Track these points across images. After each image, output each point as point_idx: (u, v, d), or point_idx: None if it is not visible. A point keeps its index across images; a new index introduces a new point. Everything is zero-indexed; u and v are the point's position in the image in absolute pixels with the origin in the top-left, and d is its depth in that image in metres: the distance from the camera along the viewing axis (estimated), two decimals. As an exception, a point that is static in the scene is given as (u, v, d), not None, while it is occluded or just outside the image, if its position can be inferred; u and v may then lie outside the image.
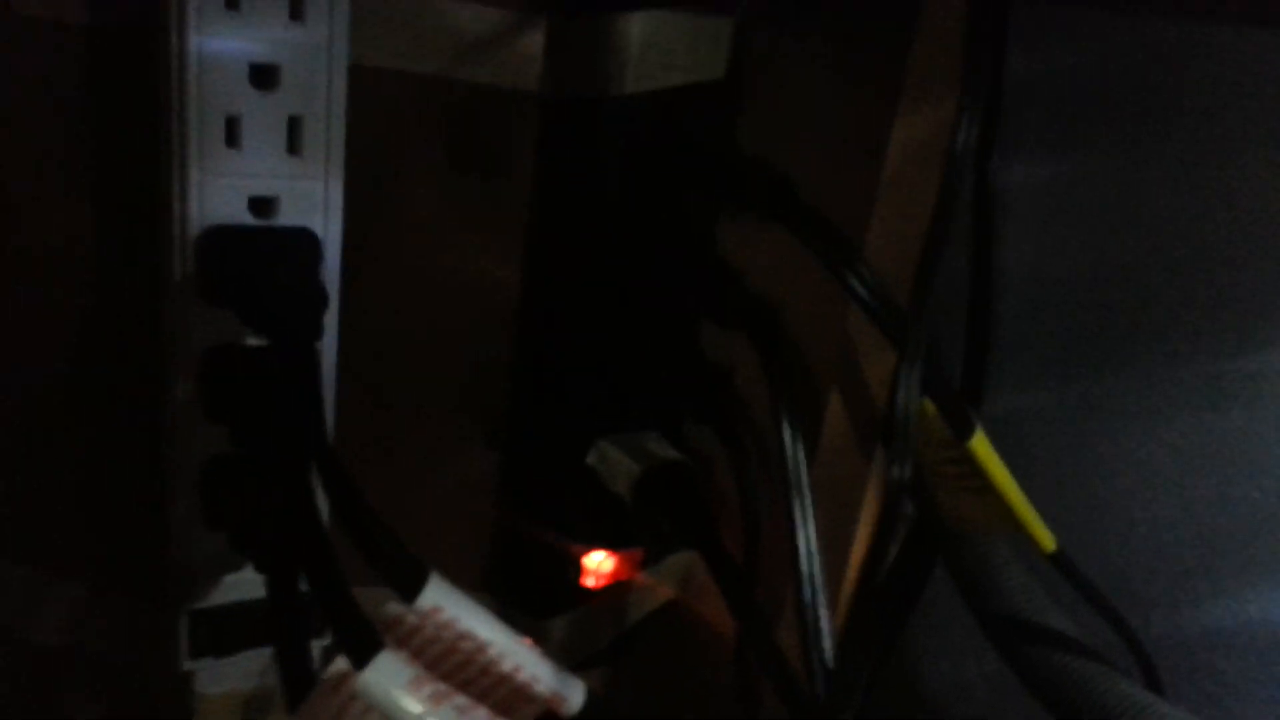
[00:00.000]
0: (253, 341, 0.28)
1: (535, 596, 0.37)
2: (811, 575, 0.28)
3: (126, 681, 0.34)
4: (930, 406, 0.32)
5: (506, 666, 0.22)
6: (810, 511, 0.29)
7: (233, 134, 0.27)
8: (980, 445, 0.29)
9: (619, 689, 0.41)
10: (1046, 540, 0.31)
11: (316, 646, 0.29)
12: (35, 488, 0.31)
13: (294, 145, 0.28)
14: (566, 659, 0.38)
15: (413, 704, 0.20)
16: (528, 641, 0.23)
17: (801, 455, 0.29)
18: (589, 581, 0.36)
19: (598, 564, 0.36)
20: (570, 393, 0.35)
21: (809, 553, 0.29)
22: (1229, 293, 0.34)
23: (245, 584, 0.30)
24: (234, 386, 0.27)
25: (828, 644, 0.29)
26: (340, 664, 0.22)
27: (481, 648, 0.22)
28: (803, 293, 0.32)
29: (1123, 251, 0.37)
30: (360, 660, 0.20)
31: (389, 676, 0.20)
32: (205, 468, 0.29)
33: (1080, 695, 0.32)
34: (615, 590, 0.37)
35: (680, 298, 0.35)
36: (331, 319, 0.30)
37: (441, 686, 0.21)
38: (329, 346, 0.30)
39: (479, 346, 0.36)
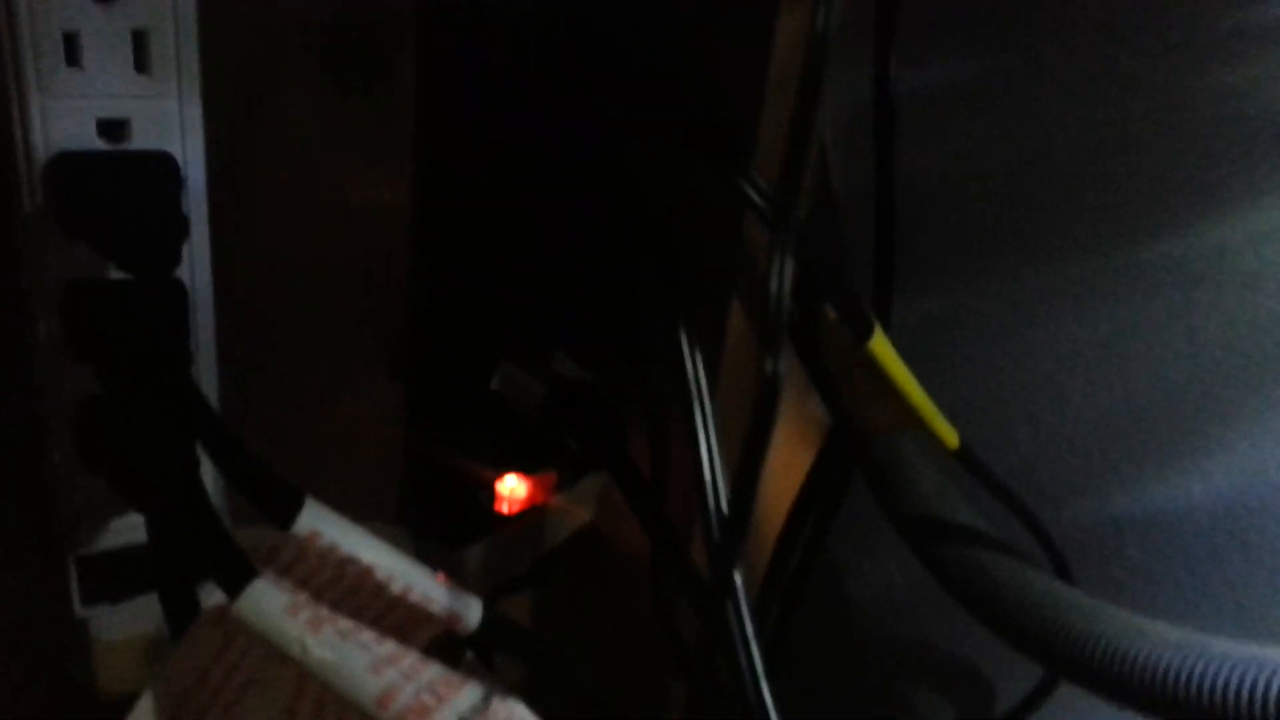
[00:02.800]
0: (114, 274, 0.27)
1: (450, 525, 0.36)
2: (714, 483, 0.28)
3: (16, 640, 0.32)
4: (830, 312, 0.31)
5: (396, 589, 0.22)
6: (711, 419, 0.29)
7: (72, 51, 0.25)
8: (880, 345, 0.29)
9: (539, 614, 0.40)
10: (950, 438, 0.31)
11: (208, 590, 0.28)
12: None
13: (141, 62, 0.26)
14: (484, 586, 0.38)
15: (290, 628, 0.19)
16: (417, 563, 0.22)
17: (700, 362, 0.29)
18: (503, 507, 0.36)
19: (511, 489, 0.36)
20: (470, 316, 0.34)
21: (711, 460, 0.28)
22: (1124, 184, 0.34)
23: (135, 527, 0.29)
24: (95, 322, 0.26)
25: (725, 501, 0.28)
26: (220, 596, 0.21)
27: (367, 571, 0.21)
28: (699, 198, 0.31)
29: (1021, 149, 0.37)
30: (233, 589, 0.19)
31: (264, 603, 0.19)
32: (78, 409, 0.27)
33: (991, 588, 0.32)
34: (530, 515, 0.36)
35: (578, 211, 0.34)
36: (202, 247, 0.28)
37: (323, 611, 0.20)
38: (200, 277, 0.28)
39: (373, 273, 0.35)
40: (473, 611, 0.23)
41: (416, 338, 0.35)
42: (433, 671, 0.20)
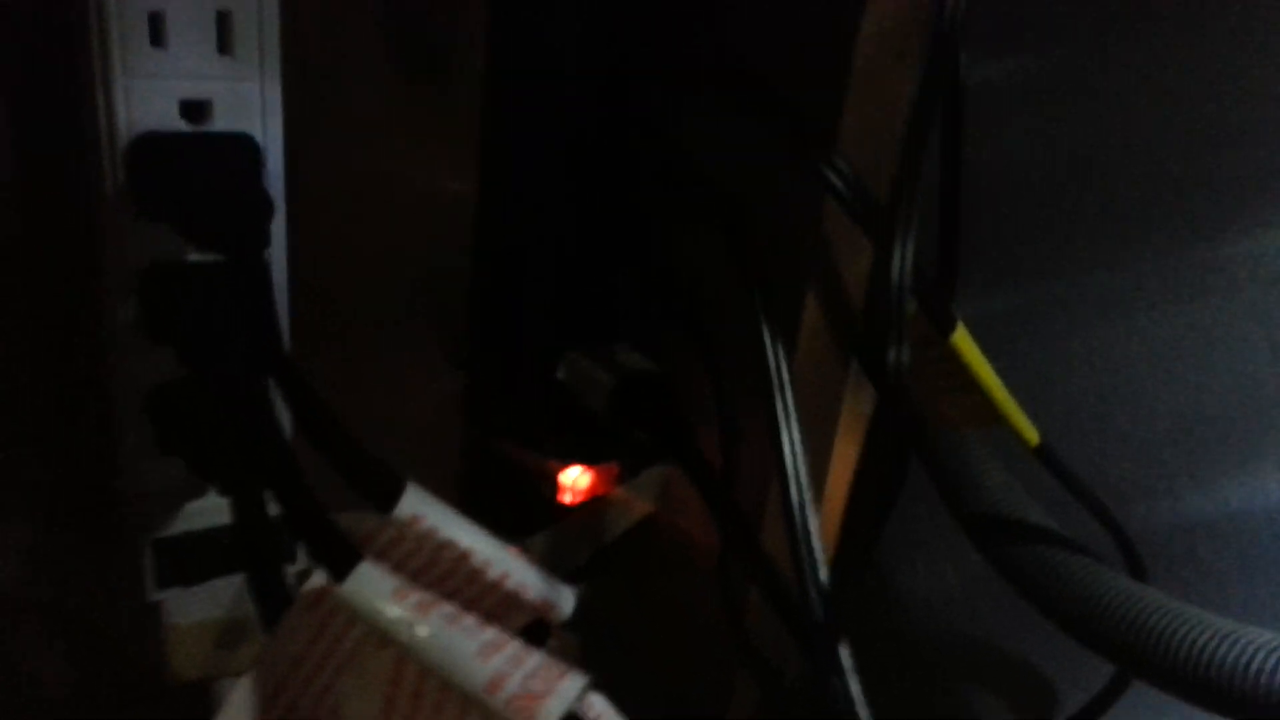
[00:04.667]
0: (195, 257, 0.27)
1: (511, 515, 0.36)
2: (798, 477, 0.27)
3: (86, 626, 0.32)
4: (908, 306, 0.31)
5: (493, 574, 0.21)
6: (794, 412, 0.28)
7: (157, 32, 0.25)
8: (963, 341, 0.29)
9: (598, 606, 0.40)
10: (1030, 434, 0.30)
11: (289, 572, 0.28)
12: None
13: (225, 44, 0.26)
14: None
15: (398, 611, 0.19)
16: (514, 550, 0.22)
17: (781, 353, 0.28)
18: (565, 498, 0.35)
19: (574, 480, 0.35)
20: (534, 305, 0.34)
21: (794, 454, 0.28)
22: (1203, 181, 0.34)
23: (209, 511, 0.29)
24: (178, 305, 0.26)
25: (818, 547, 0.28)
26: (317, 579, 0.21)
27: (465, 556, 0.21)
28: (776, 190, 0.31)
29: (1090, 146, 0.36)
30: (339, 571, 0.19)
31: (371, 586, 0.19)
32: (154, 392, 0.27)
33: (1065, 587, 0.32)
34: (592, 506, 0.36)
35: (647, 201, 0.33)
36: (279, 230, 0.28)
37: (427, 595, 0.20)
38: (277, 259, 0.28)
39: (437, 261, 0.35)
40: (566, 599, 0.23)
41: (480, 327, 0.35)
42: (535, 659, 0.20)
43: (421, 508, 0.20)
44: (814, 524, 0.28)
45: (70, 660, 0.33)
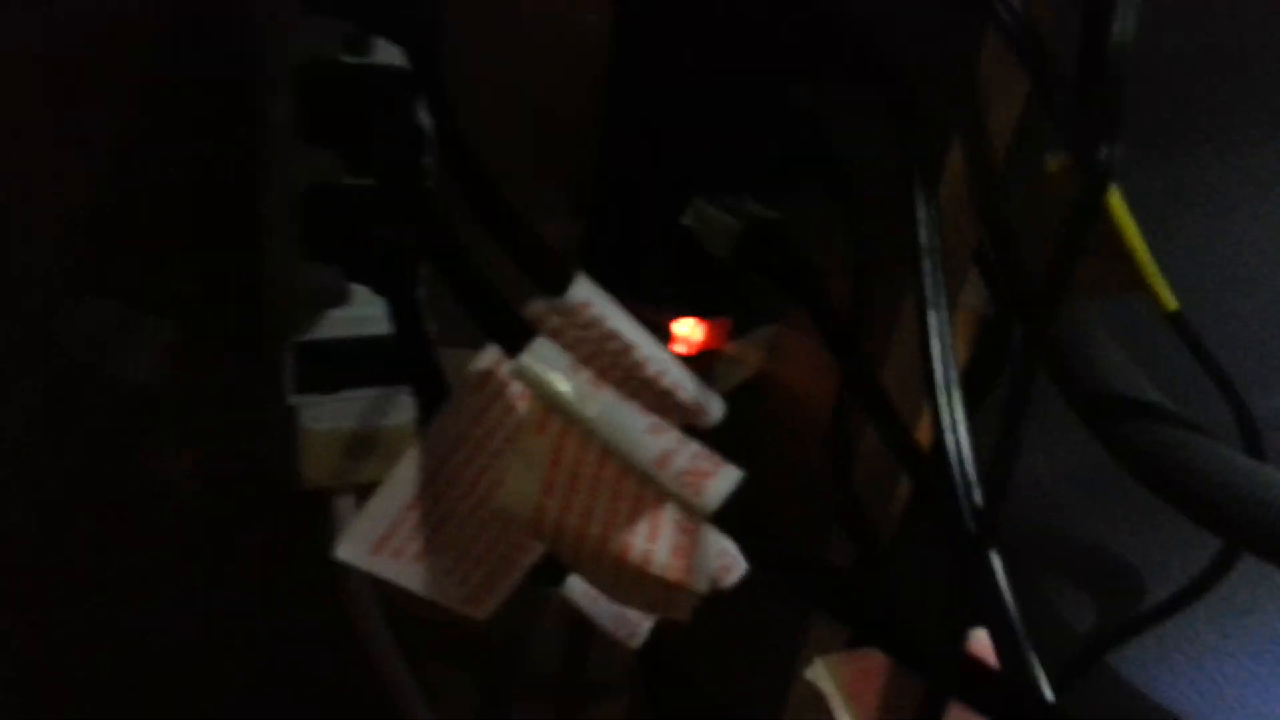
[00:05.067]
0: (350, 59, 0.27)
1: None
2: (944, 356, 0.27)
3: (222, 429, 0.34)
4: (1054, 163, 0.30)
5: (651, 370, 0.22)
6: (941, 285, 0.28)
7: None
8: (1116, 201, 0.28)
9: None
10: (1169, 300, 0.30)
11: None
12: (124, 218, 0.30)
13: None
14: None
15: (572, 385, 0.19)
16: (668, 350, 0.22)
17: (934, 221, 0.28)
18: (679, 349, 0.36)
19: (688, 331, 0.36)
20: (666, 146, 0.34)
21: (941, 330, 0.27)
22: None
23: (350, 320, 0.30)
24: (342, 102, 0.26)
25: (964, 431, 0.28)
26: (482, 360, 0.22)
27: (627, 349, 0.21)
28: (924, 40, 0.30)
29: (1262, 25, 0.35)
30: (514, 344, 0.20)
31: (546, 359, 0.20)
32: (307, 195, 0.28)
33: (1183, 465, 0.32)
34: (704, 359, 0.37)
35: (791, 51, 0.33)
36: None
37: (594, 376, 0.20)
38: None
39: (565, 100, 0.35)
40: (715, 405, 0.23)
41: (608, 169, 0.35)
42: (697, 445, 0.20)
43: (591, 295, 0.21)
44: (960, 407, 0.28)
45: (203, 462, 0.34)
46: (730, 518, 0.19)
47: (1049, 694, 0.24)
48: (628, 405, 0.20)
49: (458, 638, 0.43)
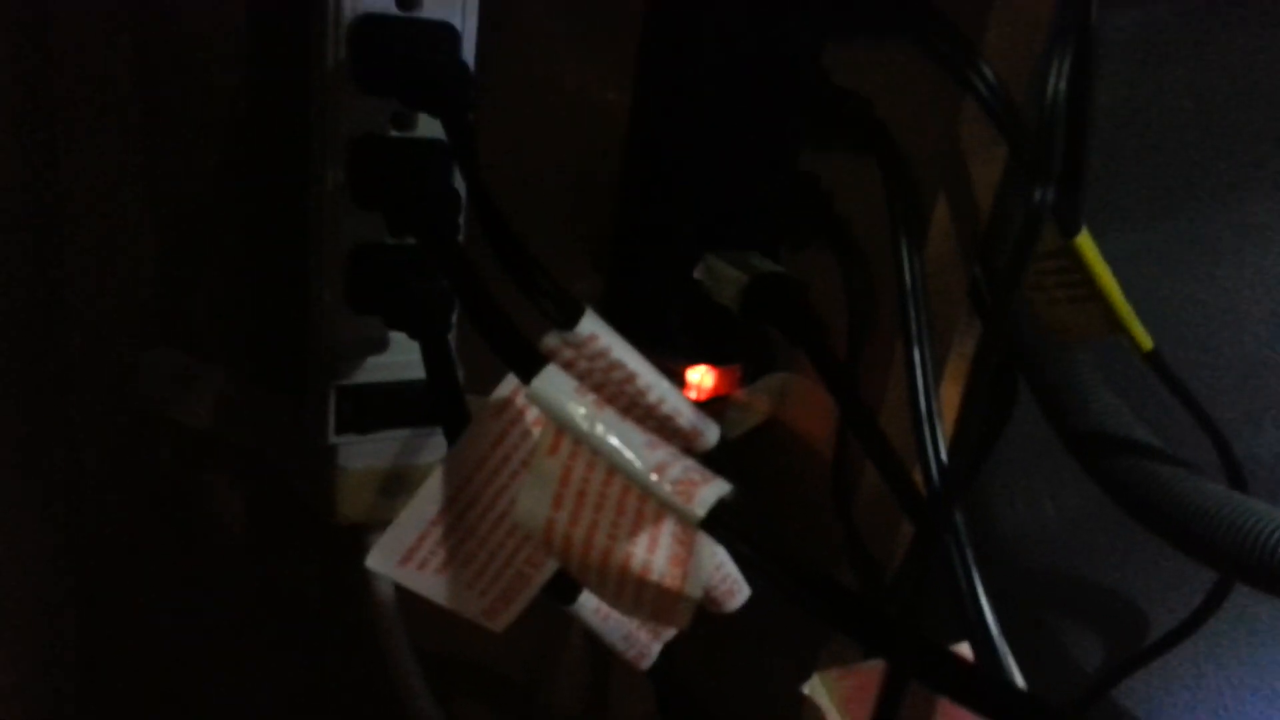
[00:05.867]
0: (395, 134, 0.30)
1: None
2: (927, 388, 0.29)
3: (266, 468, 0.37)
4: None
5: (652, 398, 0.24)
6: (926, 325, 0.30)
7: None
8: (1086, 243, 0.31)
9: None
10: (1144, 340, 0.32)
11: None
12: (186, 273, 0.34)
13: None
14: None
15: (580, 405, 0.22)
16: (667, 381, 0.25)
17: (920, 268, 0.30)
18: (690, 395, 0.38)
19: (699, 378, 0.38)
20: (679, 209, 0.37)
21: (924, 363, 0.30)
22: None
23: (389, 366, 0.33)
24: (388, 170, 0.29)
25: (944, 451, 0.30)
26: (502, 389, 0.24)
27: (631, 378, 0.24)
28: (911, 109, 0.33)
29: (1213, 93, 0.37)
30: (528, 372, 0.22)
31: (556, 384, 0.22)
32: (353, 253, 0.31)
33: (1170, 498, 0.33)
34: (715, 406, 0.39)
35: (793, 116, 0.36)
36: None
37: (600, 399, 0.23)
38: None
39: (588, 169, 0.38)
40: (712, 431, 0.25)
41: (625, 230, 0.37)
42: (690, 460, 0.22)
43: (598, 329, 0.23)
44: (940, 432, 0.30)
45: (250, 499, 0.37)
46: (722, 525, 0.21)
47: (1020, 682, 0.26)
48: (629, 424, 0.22)
49: (482, 675, 0.45)
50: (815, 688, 0.28)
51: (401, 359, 0.33)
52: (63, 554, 0.35)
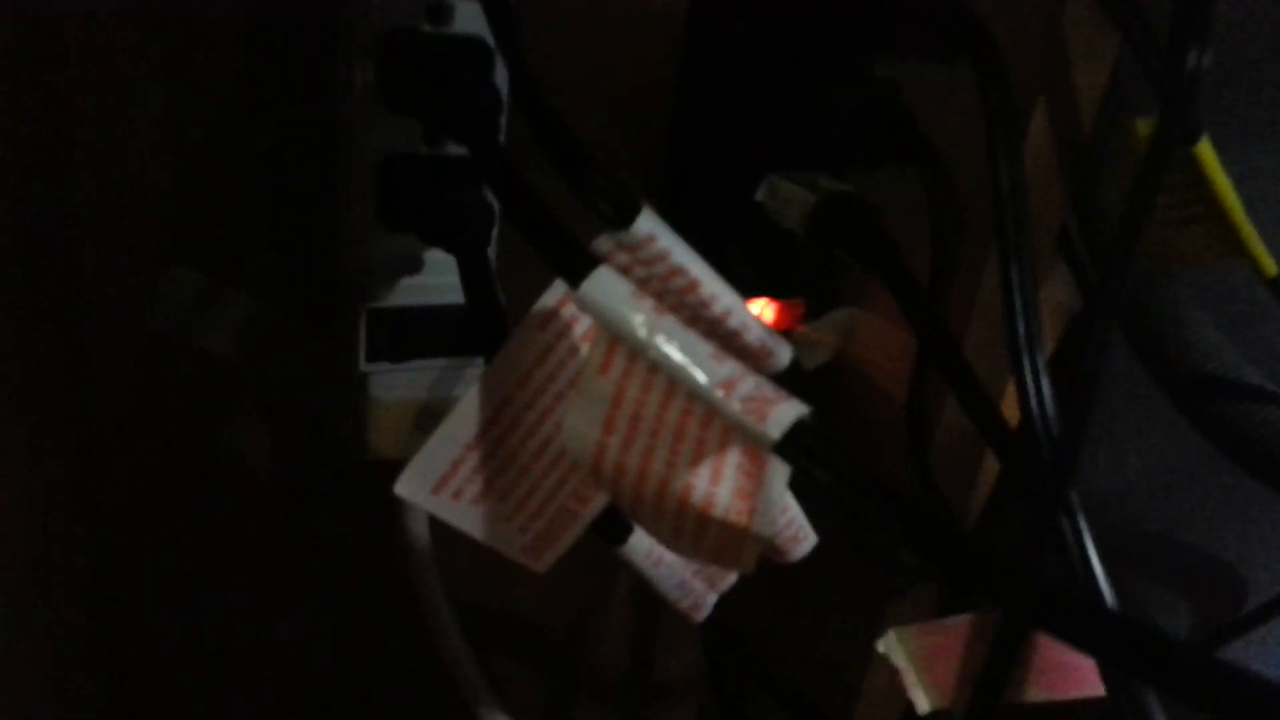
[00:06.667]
0: (428, 28, 0.27)
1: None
2: (1027, 308, 0.26)
3: (295, 400, 0.34)
4: (1143, 127, 0.29)
5: (717, 310, 0.21)
6: (1026, 237, 0.27)
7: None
8: (1205, 152, 0.27)
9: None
10: (1269, 264, 0.28)
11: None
12: (206, 187, 0.31)
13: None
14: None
15: (637, 311, 0.19)
16: (735, 291, 0.22)
17: (1018, 175, 0.27)
18: (750, 330, 0.35)
19: (760, 312, 0.35)
20: (740, 123, 0.33)
21: (1023, 282, 0.26)
22: None
23: (424, 289, 0.30)
24: (423, 67, 0.26)
25: (1045, 384, 0.27)
26: (548, 298, 0.22)
27: (694, 286, 0.21)
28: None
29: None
30: (577, 275, 0.19)
31: (610, 287, 0.19)
32: (384, 163, 0.28)
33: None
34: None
35: (861, 16, 0.32)
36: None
37: (658, 304, 0.20)
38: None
39: (639, 78, 0.35)
40: (784, 352, 0.22)
41: (679, 147, 0.34)
42: (760, 377, 0.20)
43: (657, 229, 0.20)
44: (1041, 362, 0.27)
45: (276, 438, 0.35)
46: (799, 450, 0.18)
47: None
48: (691, 332, 0.19)
49: (522, 631, 0.43)
50: (891, 645, 0.25)
51: (438, 281, 0.30)
52: (73, 493, 0.33)
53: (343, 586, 0.39)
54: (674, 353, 0.19)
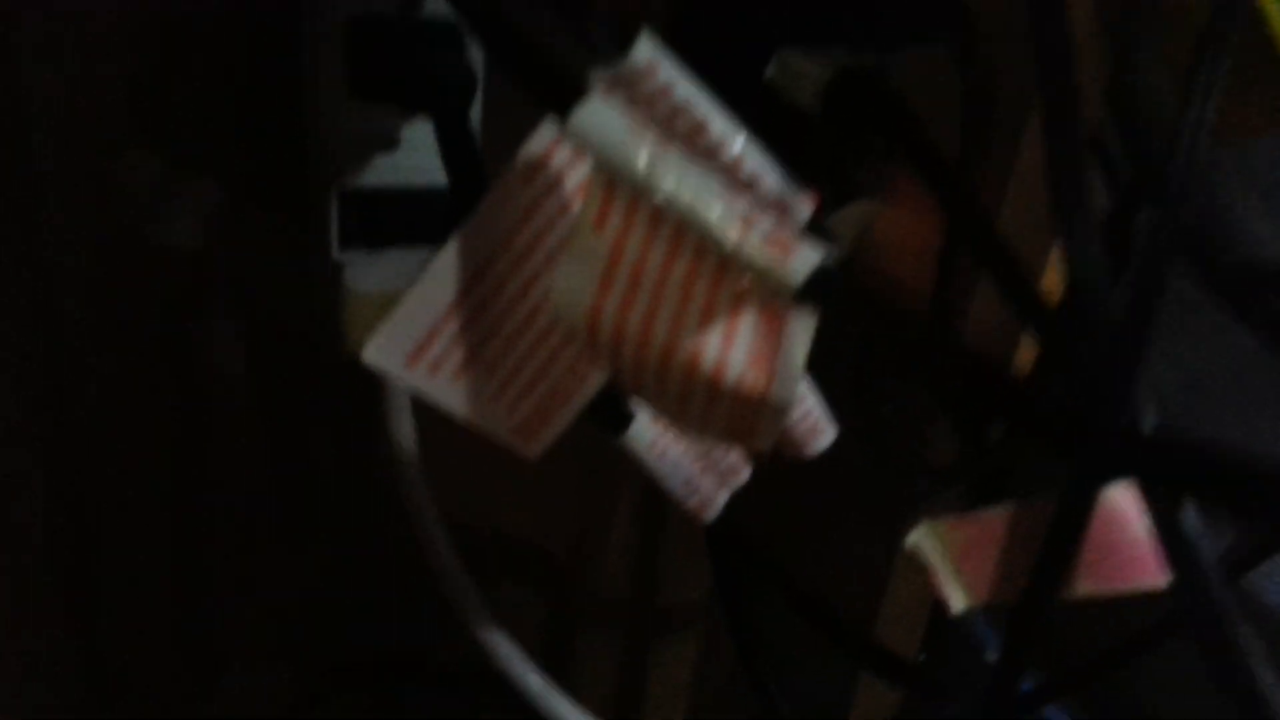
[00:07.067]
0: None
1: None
2: (1074, 162, 0.23)
3: (267, 293, 0.32)
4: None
5: (729, 154, 0.19)
6: (1070, 94, 0.24)
7: None
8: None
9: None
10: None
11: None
12: (162, 63, 0.28)
13: None
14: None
15: (637, 144, 0.16)
16: (747, 132, 0.19)
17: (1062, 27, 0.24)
18: (759, 223, 0.33)
19: (770, 203, 0.32)
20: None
21: (1071, 138, 0.23)
22: None
23: (397, 168, 0.27)
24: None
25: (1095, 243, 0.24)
26: (534, 144, 0.19)
27: (701, 126, 0.18)
28: None
29: None
30: (565, 104, 0.17)
31: (605, 118, 0.17)
32: (352, 24, 0.25)
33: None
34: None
35: None
36: None
37: (661, 136, 0.17)
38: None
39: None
40: (802, 205, 0.20)
41: (681, 16, 0.32)
42: (774, 216, 0.17)
43: (658, 56, 0.18)
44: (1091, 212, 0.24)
45: (246, 330, 0.32)
46: (825, 298, 0.16)
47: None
48: (701, 165, 0.17)
49: (519, 556, 0.41)
50: (922, 538, 0.23)
51: (415, 162, 0.27)
52: (36, 410, 0.31)
53: (327, 504, 0.37)
54: (681, 187, 0.16)
